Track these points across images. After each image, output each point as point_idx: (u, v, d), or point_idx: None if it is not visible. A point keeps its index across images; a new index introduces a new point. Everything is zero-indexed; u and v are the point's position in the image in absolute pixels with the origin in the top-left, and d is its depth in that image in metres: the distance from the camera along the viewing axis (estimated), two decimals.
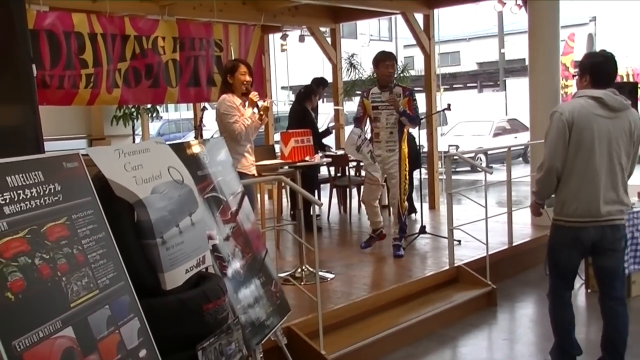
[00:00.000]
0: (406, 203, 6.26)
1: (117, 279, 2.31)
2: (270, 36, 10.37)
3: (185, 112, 19.74)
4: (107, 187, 2.51)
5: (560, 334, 4.09)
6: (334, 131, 8.57)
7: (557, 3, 7.35)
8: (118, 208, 2.53)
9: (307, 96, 7.74)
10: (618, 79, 14.90)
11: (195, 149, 3.53)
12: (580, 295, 5.86)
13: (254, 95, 4.95)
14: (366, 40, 26.52)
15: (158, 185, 2.71)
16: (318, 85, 8.06)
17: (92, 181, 2.43)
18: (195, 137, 7.92)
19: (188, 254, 2.75)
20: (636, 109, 6.72)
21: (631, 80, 14.85)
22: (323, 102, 16.53)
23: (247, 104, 4.95)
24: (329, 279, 5.45)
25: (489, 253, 5.74)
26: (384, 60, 6.04)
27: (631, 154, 3.83)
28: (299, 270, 5.40)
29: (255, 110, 4.93)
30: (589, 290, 5.78)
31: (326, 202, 8.45)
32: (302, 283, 5.12)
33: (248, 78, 4.95)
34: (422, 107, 9.18)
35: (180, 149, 3.25)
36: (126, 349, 2.22)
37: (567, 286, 4.05)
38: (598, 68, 3.80)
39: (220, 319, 2.74)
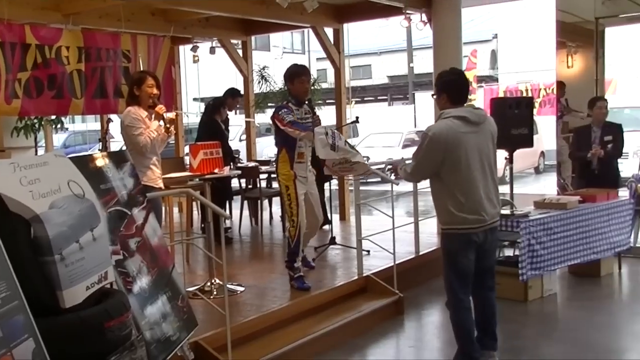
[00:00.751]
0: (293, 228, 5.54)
1: (10, 299, 2.22)
2: (181, 47, 10.26)
3: (92, 123, 19.19)
4: (1, 203, 2.42)
5: (465, 340, 4.27)
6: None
7: (459, 20, 7.66)
8: (13, 224, 2.45)
9: (216, 108, 7.70)
10: (518, 94, 15.65)
11: (99, 162, 3.45)
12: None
13: (160, 108, 4.87)
14: (279, 53, 26.69)
15: (57, 200, 2.64)
16: (230, 96, 8.02)
17: None
18: (101, 150, 7.71)
19: (89, 270, 2.68)
20: (532, 122, 7.11)
21: (530, 95, 15.66)
22: (236, 113, 16.48)
23: (153, 116, 4.87)
24: (239, 292, 5.43)
25: (397, 262, 5.88)
26: (300, 75, 5.58)
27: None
28: (209, 284, 5.35)
29: (162, 122, 4.87)
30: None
31: (237, 214, 8.42)
32: (212, 297, 5.08)
33: (155, 91, 4.87)
34: (332, 120, 9.35)
35: (82, 162, 3.16)
36: None
37: (467, 291, 4.27)
38: (454, 85, 4.19)
39: (123, 335, 2.69)
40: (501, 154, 8.74)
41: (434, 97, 4.38)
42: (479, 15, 23.82)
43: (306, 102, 5.64)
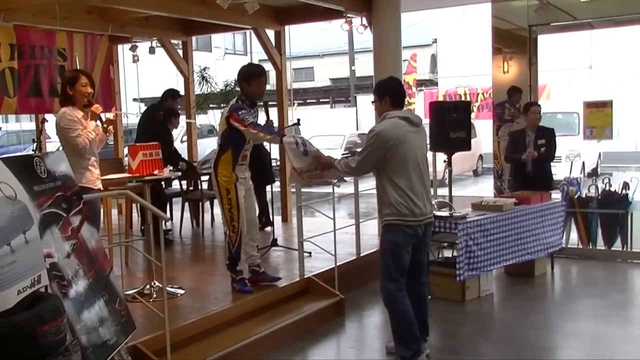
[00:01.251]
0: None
1: None
2: (120, 47, 10.07)
3: (27, 123, 18.58)
4: None
5: (409, 328, 4.48)
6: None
7: (399, 24, 7.78)
8: None
9: (167, 117, 7.63)
10: (457, 98, 15.97)
11: (33, 163, 3.35)
12: None
13: (96, 107, 4.76)
14: (221, 54, 26.49)
15: None
16: (170, 97, 7.92)
17: None
18: (35, 150, 7.49)
19: (21, 274, 2.60)
20: (470, 125, 7.29)
21: (468, 99, 16.02)
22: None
23: (89, 116, 4.76)
24: (179, 295, 5.36)
25: (338, 264, 5.92)
26: (259, 76, 5.38)
27: None
28: (148, 287, 5.27)
29: (99, 122, 4.77)
30: (429, 297, 6.11)
31: (178, 216, 8.32)
32: (151, 300, 5.00)
33: (90, 90, 4.75)
34: (274, 122, 9.34)
35: (14, 163, 3.06)
36: None
37: (403, 281, 4.50)
38: (395, 90, 4.61)
39: (57, 340, 2.61)
40: (440, 157, 8.94)
41: (375, 102, 4.64)
42: (419, 19, 24.24)
43: (261, 104, 5.51)
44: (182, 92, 10.06)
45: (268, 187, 8.15)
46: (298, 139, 4.98)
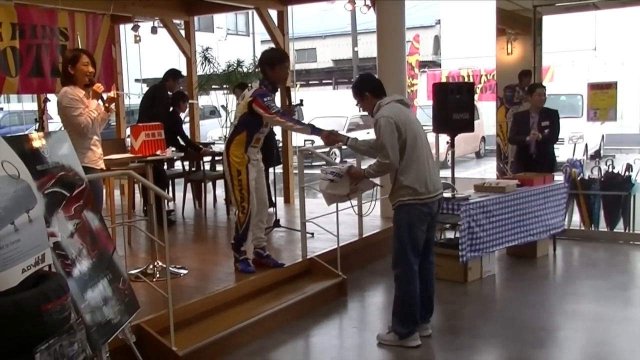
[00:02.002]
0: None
1: None
2: (122, 26, 10.02)
3: (29, 103, 18.55)
4: None
5: (412, 310, 4.59)
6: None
7: (402, 5, 7.72)
8: None
9: (176, 102, 7.64)
10: (460, 80, 15.84)
11: (35, 142, 3.34)
12: None
13: (97, 86, 4.75)
14: (223, 34, 26.35)
15: None
16: (171, 77, 7.89)
17: None
18: (37, 130, 7.48)
19: (25, 253, 2.61)
20: (473, 106, 7.25)
21: (472, 80, 15.95)
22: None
23: (91, 95, 4.75)
24: (182, 275, 5.38)
25: (340, 245, 5.93)
26: (283, 61, 5.36)
27: None
28: (151, 266, 5.29)
29: (100, 102, 4.76)
30: None
31: (181, 197, 8.33)
32: (154, 280, 5.02)
33: (91, 69, 4.73)
34: (276, 103, 9.30)
35: (17, 143, 3.06)
36: None
37: (417, 262, 4.61)
38: (369, 82, 4.80)
39: (62, 319, 2.63)
40: (443, 139, 8.91)
41: (359, 103, 4.75)
42: (422, 0, 24.08)
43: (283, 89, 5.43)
44: (184, 73, 10.04)
45: (270, 169, 8.15)
46: (329, 174, 4.85)
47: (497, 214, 6.04)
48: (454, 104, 6.90)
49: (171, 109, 7.70)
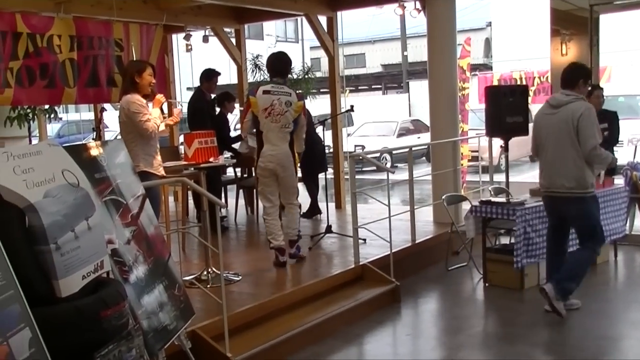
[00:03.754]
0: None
1: (6, 288, 2.20)
2: (174, 36, 10.18)
3: (86, 112, 19.08)
4: None
5: (582, 277, 5.13)
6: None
7: (453, 8, 7.62)
8: (7, 213, 2.42)
9: (221, 103, 7.69)
10: (512, 82, 15.54)
11: (93, 151, 3.42)
12: (478, 289, 6.11)
13: (161, 97, 5.03)
14: (273, 42, 26.54)
15: (51, 189, 2.61)
16: (205, 78, 7.90)
17: None
18: (95, 139, 7.66)
19: (85, 260, 2.66)
20: (527, 109, 7.11)
21: (524, 83, 15.64)
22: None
23: (153, 104, 4.97)
24: (235, 281, 5.41)
25: (393, 251, 5.88)
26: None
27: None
28: (205, 273, 5.34)
29: (159, 112, 4.99)
30: (486, 284, 6.03)
31: (233, 203, 8.40)
32: (208, 286, 5.06)
33: (153, 80, 4.99)
34: (326, 109, 9.31)
35: (76, 151, 3.14)
36: None
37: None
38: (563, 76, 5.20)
39: (120, 325, 2.67)
40: (496, 142, 8.76)
41: (588, 87, 5.53)
42: (473, 3, 23.78)
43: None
44: (234, 81, 10.14)
45: (321, 175, 8.15)
46: None
47: None
48: (508, 107, 6.79)
49: (218, 111, 7.74)
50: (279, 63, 5.86)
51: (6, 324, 2.12)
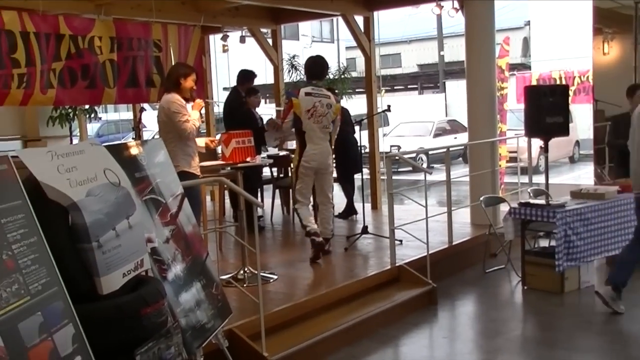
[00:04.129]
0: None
1: (50, 285, 2.24)
2: (211, 37, 10.27)
3: (124, 112, 19.39)
4: (39, 190, 2.44)
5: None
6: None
7: (492, 7, 7.53)
8: (51, 211, 2.46)
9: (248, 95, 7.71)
10: (551, 82, 15.30)
11: (133, 150, 3.46)
12: (517, 292, 6.02)
13: (201, 101, 5.19)
14: (308, 42, 26.62)
15: (93, 188, 2.65)
16: (240, 82, 7.94)
17: (23, 184, 2.36)
18: (134, 138, 7.77)
19: (125, 258, 2.69)
20: (568, 110, 6.98)
21: (564, 83, 15.35)
22: (266, 102, 16.48)
23: (193, 107, 5.09)
24: (271, 280, 5.43)
25: (430, 252, 5.83)
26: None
27: None
28: (241, 272, 5.37)
29: (198, 114, 5.10)
30: (525, 287, 5.94)
31: (269, 203, 8.43)
32: (245, 285, 5.09)
33: (195, 87, 5.13)
34: (362, 109, 9.28)
35: (117, 151, 3.18)
36: (60, 356, 2.16)
37: None
38: None
39: (159, 323, 2.69)
40: (535, 143, 8.61)
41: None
42: (511, 1, 23.44)
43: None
44: (271, 81, 10.18)
45: (357, 175, 8.14)
46: None
47: (596, 222, 5.76)
48: (548, 107, 6.68)
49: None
50: (316, 66, 6.15)
51: (50, 320, 2.16)
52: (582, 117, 15.58)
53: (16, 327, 2.01)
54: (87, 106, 9.57)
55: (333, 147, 6.14)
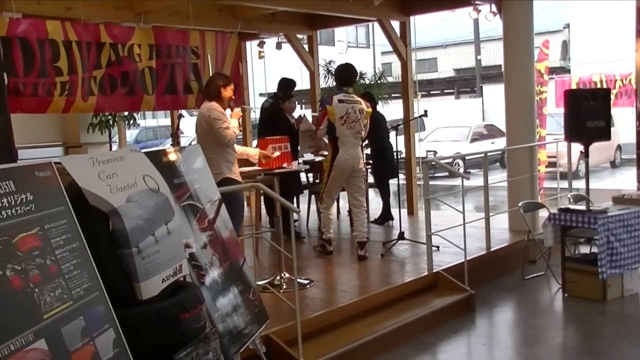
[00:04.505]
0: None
1: (92, 290, 2.28)
2: (248, 43, 10.34)
3: (162, 119, 19.65)
4: (81, 196, 2.48)
5: None
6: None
7: (531, 10, 7.42)
8: (92, 217, 2.50)
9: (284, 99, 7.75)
10: (592, 86, 15.03)
11: (172, 156, 3.50)
12: (557, 299, 5.91)
13: (239, 111, 5.26)
14: (344, 47, 26.62)
15: (133, 194, 2.69)
16: (283, 88, 7.96)
17: (66, 190, 2.40)
18: (172, 145, 7.86)
19: (164, 263, 2.72)
20: (609, 114, 6.84)
21: (605, 86, 15.05)
22: (302, 107, 16.53)
23: (232, 115, 5.15)
24: (308, 286, 5.43)
25: (467, 258, 5.76)
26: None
27: None
28: (278, 277, 5.38)
29: (237, 122, 5.15)
30: (565, 295, 5.83)
31: (305, 208, 8.43)
32: (281, 290, 5.10)
33: (234, 97, 5.22)
34: (399, 114, 9.24)
35: (156, 157, 3.22)
36: None
37: None
38: None
39: (197, 328, 2.71)
40: (575, 147, 8.45)
41: None
42: (549, 4, 23.12)
43: None
44: (307, 86, 10.20)
45: (392, 181, 8.09)
46: None
47: None
48: (588, 111, 6.56)
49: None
50: (346, 73, 6.42)
51: (92, 324, 2.19)
52: (624, 121, 15.25)
53: (59, 332, 2.05)
54: (126, 113, 9.73)
55: (368, 152, 6.22)
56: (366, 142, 7.28)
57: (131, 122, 10.48)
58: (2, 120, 2.87)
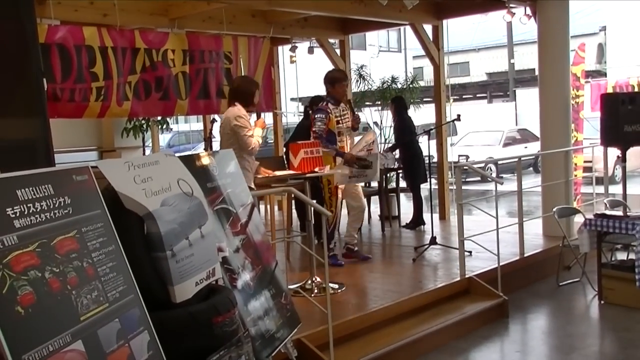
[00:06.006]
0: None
1: (127, 292, 2.31)
2: (280, 48, 10.39)
3: (195, 123, 19.85)
4: (117, 200, 2.52)
5: None
6: None
7: (567, 13, 7.32)
8: (128, 221, 2.54)
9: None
10: (629, 89, 14.74)
11: (205, 160, 3.53)
12: (593, 307, 5.80)
13: (263, 121, 5.27)
14: (375, 52, 26.60)
15: (167, 198, 2.71)
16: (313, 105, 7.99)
17: (102, 194, 2.44)
18: (205, 149, 7.92)
19: (198, 267, 2.74)
20: None
21: None
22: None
23: (256, 124, 5.16)
24: (339, 291, 5.42)
25: (500, 264, 5.69)
26: (342, 80, 6.30)
27: None
28: (309, 282, 5.38)
29: (261, 131, 5.18)
30: (602, 302, 5.72)
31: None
32: (313, 295, 5.09)
33: (258, 101, 5.31)
34: (431, 118, 9.19)
35: (189, 161, 3.25)
36: None
37: None
38: None
39: (230, 331, 2.73)
40: (612, 152, 8.31)
41: None
42: (585, 7, 22.78)
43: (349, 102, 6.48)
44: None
45: (424, 185, 8.05)
46: (354, 170, 6.12)
47: None
48: (626, 116, 6.43)
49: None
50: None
51: (127, 326, 2.22)
52: None
53: (96, 333, 2.08)
54: (159, 117, 9.86)
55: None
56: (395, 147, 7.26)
57: (164, 126, 10.61)
58: (41, 126, 2.93)
